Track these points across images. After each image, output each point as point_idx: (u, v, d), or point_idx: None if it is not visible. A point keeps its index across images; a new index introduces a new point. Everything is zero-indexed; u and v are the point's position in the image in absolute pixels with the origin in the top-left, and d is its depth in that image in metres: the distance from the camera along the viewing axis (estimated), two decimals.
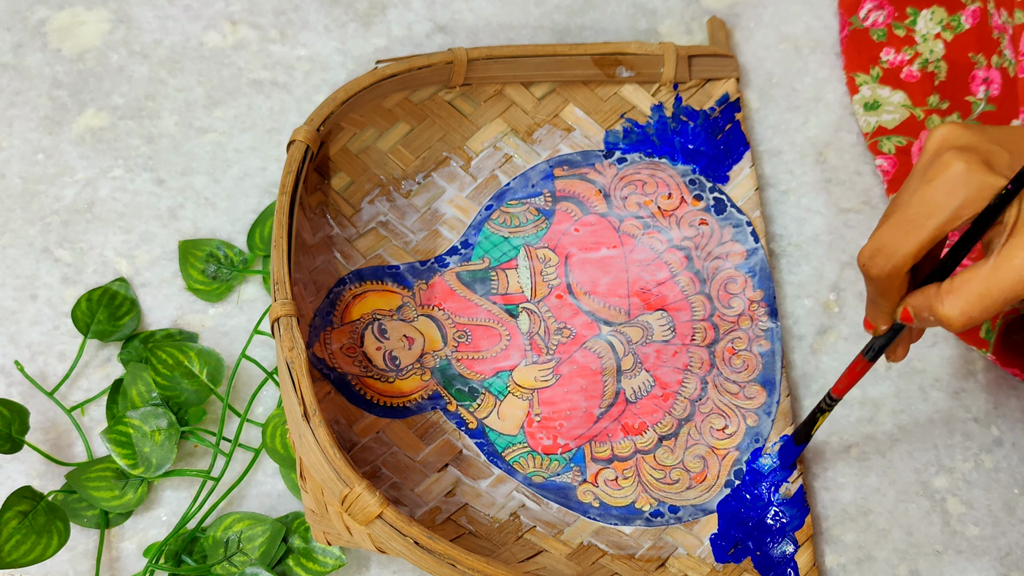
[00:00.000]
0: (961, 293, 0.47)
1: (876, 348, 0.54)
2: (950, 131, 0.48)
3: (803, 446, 0.62)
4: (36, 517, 0.60)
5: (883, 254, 0.49)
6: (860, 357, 0.55)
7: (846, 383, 0.57)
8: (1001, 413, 0.66)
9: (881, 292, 0.51)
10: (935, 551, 0.63)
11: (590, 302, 0.67)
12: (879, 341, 0.54)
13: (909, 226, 0.48)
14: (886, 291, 0.50)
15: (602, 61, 0.70)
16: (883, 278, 0.49)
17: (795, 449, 0.62)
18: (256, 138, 0.72)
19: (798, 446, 0.62)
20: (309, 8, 0.75)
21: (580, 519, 0.62)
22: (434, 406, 0.64)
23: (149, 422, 0.62)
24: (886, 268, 0.49)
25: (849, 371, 0.56)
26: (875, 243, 0.49)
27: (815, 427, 0.60)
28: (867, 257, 0.50)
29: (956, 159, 0.47)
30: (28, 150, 0.71)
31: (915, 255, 0.48)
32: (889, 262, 0.49)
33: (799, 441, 0.61)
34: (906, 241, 0.48)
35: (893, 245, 0.48)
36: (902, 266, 0.48)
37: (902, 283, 0.50)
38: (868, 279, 0.50)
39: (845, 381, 0.57)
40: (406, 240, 0.68)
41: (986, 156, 0.47)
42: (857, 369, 0.56)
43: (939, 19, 0.74)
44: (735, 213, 0.69)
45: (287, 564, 0.61)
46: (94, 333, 0.65)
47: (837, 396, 0.58)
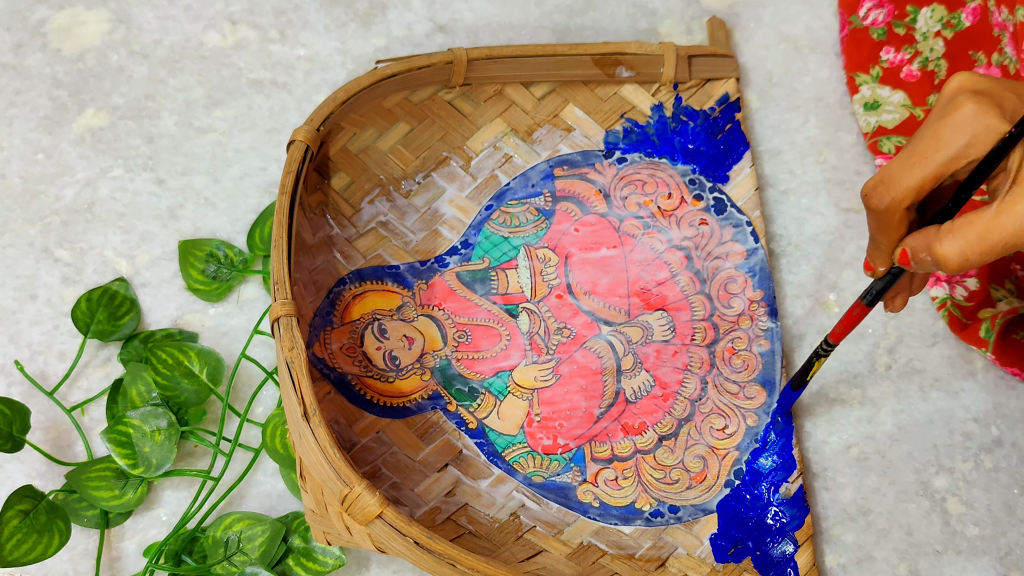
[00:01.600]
0: (961, 234, 0.47)
1: (874, 292, 0.54)
2: (967, 77, 0.49)
3: (800, 392, 0.63)
4: (37, 516, 0.60)
5: (885, 184, 0.49)
6: (858, 302, 0.55)
7: (843, 328, 0.57)
8: (1001, 413, 0.66)
9: (881, 227, 0.51)
10: (935, 551, 0.63)
11: (590, 302, 0.67)
12: (877, 285, 0.54)
13: (915, 159, 0.48)
14: (886, 225, 0.50)
15: (602, 61, 0.70)
16: (883, 210, 0.49)
17: (792, 395, 0.63)
18: (256, 138, 0.72)
19: (795, 391, 0.63)
20: (309, 8, 0.75)
21: (580, 519, 0.62)
22: (434, 406, 0.64)
23: (149, 422, 0.62)
24: (886, 199, 0.49)
25: (847, 316, 0.56)
26: (880, 175, 0.49)
27: (811, 372, 0.61)
28: (870, 187, 0.50)
29: (968, 100, 0.47)
30: (28, 150, 0.71)
31: (918, 189, 0.48)
32: (890, 193, 0.49)
33: (796, 386, 0.62)
34: (910, 173, 0.48)
35: (897, 176, 0.49)
36: (903, 198, 0.49)
37: (902, 219, 0.50)
38: (869, 211, 0.51)
39: (842, 326, 0.57)
40: (406, 240, 0.68)
41: (999, 101, 0.47)
42: (855, 314, 0.56)
43: (939, 17, 0.73)
44: (735, 213, 0.69)
45: (287, 564, 0.61)
46: (94, 333, 0.65)
47: (834, 341, 0.58)
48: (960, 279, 0.68)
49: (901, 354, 0.68)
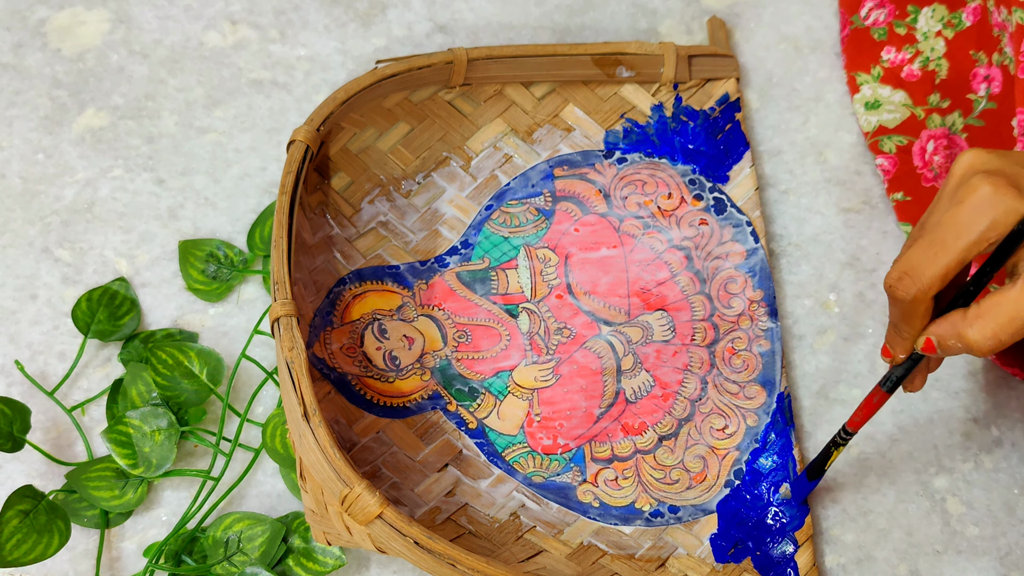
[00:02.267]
0: (990, 316, 0.47)
1: (895, 378, 0.53)
2: (977, 156, 0.48)
3: (816, 481, 0.61)
4: (37, 516, 0.60)
5: (910, 276, 0.48)
6: (877, 388, 0.54)
7: (862, 416, 0.56)
8: (1001, 413, 0.66)
9: (905, 317, 0.50)
10: (935, 551, 0.63)
11: (590, 302, 0.67)
12: (898, 371, 0.53)
13: (937, 248, 0.48)
14: (911, 316, 0.50)
15: (602, 61, 0.70)
16: (909, 301, 0.49)
17: (808, 485, 0.61)
18: (256, 138, 0.72)
19: (811, 481, 0.61)
20: (309, 8, 0.75)
21: (580, 519, 0.62)
22: (434, 406, 0.64)
23: (149, 422, 0.62)
24: (912, 291, 0.48)
25: (866, 403, 0.55)
26: (902, 265, 0.49)
27: (829, 462, 0.59)
28: (894, 279, 0.49)
29: (984, 182, 0.47)
30: (28, 150, 0.71)
31: (943, 277, 0.48)
32: (915, 285, 0.48)
33: (812, 476, 0.60)
34: (934, 263, 0.48)
35: (921, 267, 0.48)
36: (929, 289, 0.48)
37: (927, 309, 0.49)
38: (894, 302, 0.50)
39: (861, 414, 0.56)
40: (406, 240, 0.68)
41: (1014, 179, 0.47)
42: (874, 401, 0.55)
43: (940, 17, 0.73)
44: (735, 213, 0.69)
45: (287, 564, 0.61)
46: (94, 333, 0.65)
47: (852, 430, 0.57)
48: None
49: None
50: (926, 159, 0.71)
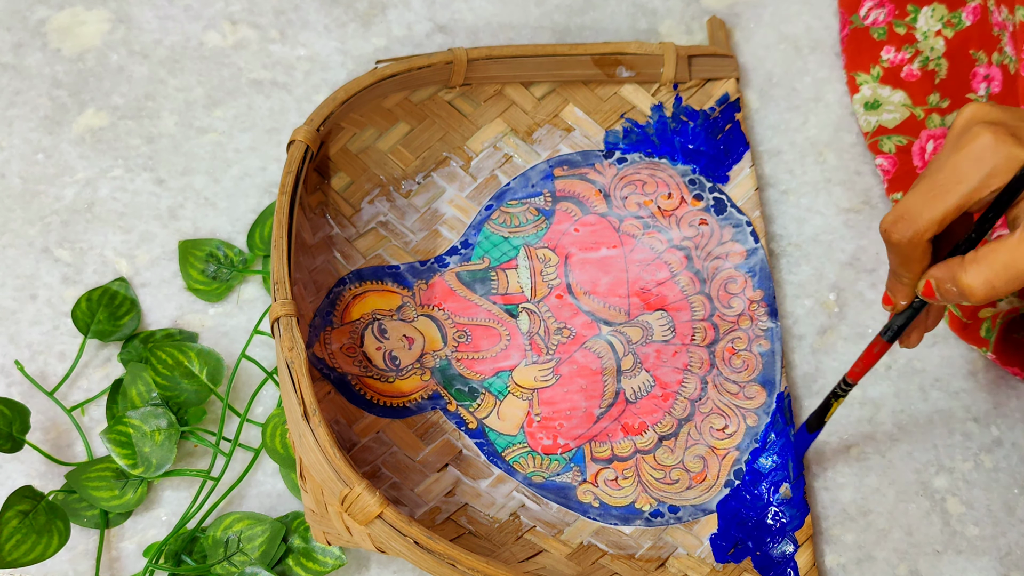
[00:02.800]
0: (986, 262, 0.47)
1: (895, 327, 0.53)
2: (979, 107, 0.49)
3: (816, 433, 0.61)
4: (36, 517, 0.60)
5: (906, 219, 0.49)
6: (878, 338, 0.55)
7: (863, 366, 0.56)
8: (1001, 413, 0.66)
9: (902, 261, 0.50)
10: (935, 551, 0.63)
11: (590, 302, 0.67)
12: (898, 320, 0.53)
13: (936, 192, 0.48)
14: (907, 259, 0.50)
15: (602, 61, 0.70)
16: (905, 244, 0.49)
17: (808, 437, 0.62)
18: (256, 138, 0.72)
19: (811, 433, 0.61)
20: (309, 8, 0.75)
21: (580, 519, 0.62)
22: (434, 406, 0.64)
23: (149, 422, 0.62)
24: (907, 233, 0.49)
25: (866, 353, 0.56)
26: (899, 209, 0.49)
27: (829, 413, 0.59)
28: (890, 222, 0.49)
29: (985, 130, 0.47)
30: (28, 150, 0.71)
31: (939, 221, 0.48)
32: (911, 227, 0.49)
33: (812, 428, 0.61)
34: (931, 207, 0.48)
35: (917, 210, 0.48)
36: (925, 232, 0.48)
37: (924, 252, 0.50)
38: (890, 245, 0.50)
39: (862, 364, 0.56)
40: (406, 240, 0.68)
41: (1014, 130, 0.47)
42: (875, 351, 0.55)
43: (940, 16, 0.73)
44: (735, 213, 0.69)
45: (287, 564, 0.61)
46: (94, 333, 0.65)
47: (853, 380, 0.57)
48: None
49: (901, 354, 0.68)
50: (926, 159, 0.71)
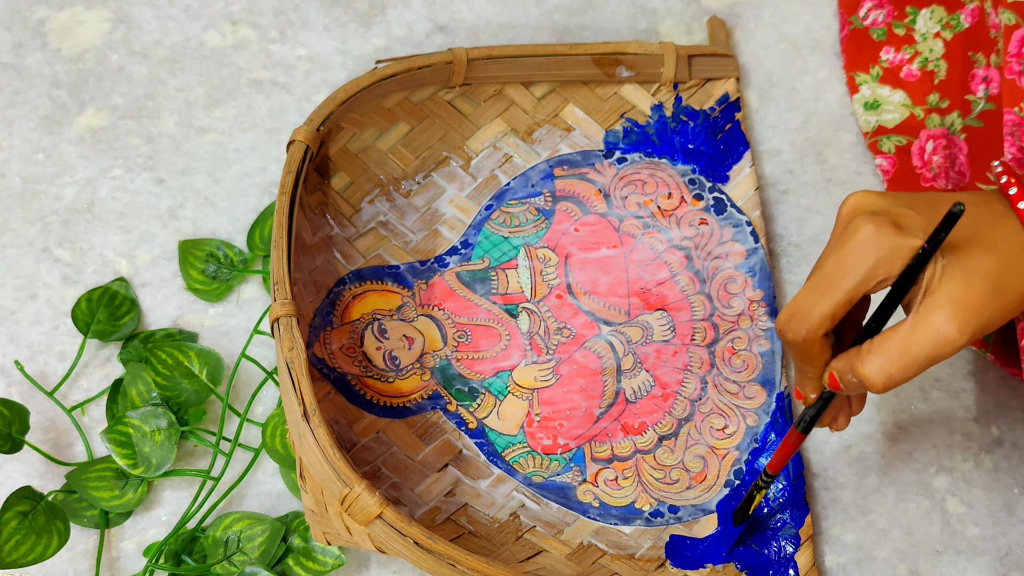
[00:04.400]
0: (880, 351, 0.48)
1: (808, 419, 0.53)
2: (862, 197, 0.50)
3: (743, 525, 0.61)
4: (36, 517, 0.60)
5: (798, 318, 0.49)
6: (792, 430, 0.55)
7: (780, 458, 0.56)
8: (1001, 413, 0.66)
9: (802, 357, 0.51)
10: (935, 551, 0.63)
11: (590, 302, 0.67)
12: (810, 411, 0.53)
13: (824, 288, 0.49)
14: (806, 356, 0.51)
15: (602, 61, 0.70)
16: (799, 342, 0.50)
17: (735, 530, 0.61)
18: (256, 138, 0.72)
19: (737, 527, 0.61)
20: (309, 8, 0.75)
21: (580, 519, 0.62)
22: (434, 406, 0.64)
23: (149, 422, 0.62)
24: (801, 332, 0.49)
25: (783, 446, 0.56)
26: (791, 308, 0.50)
27: (752, 506, 0.59)
28: (783, 322, 0.50)
29: (866, 222, 0.48)
30: (28, 150, 0.71)
31: (830, 317, 0.49)
32: (804, 326, 0.49)
33: (737, 522, 0.61)
34: (820, 303, 0.49)
35: (807, 308, 0.49)
36: (817, 329, 0.49)
37: (821, 348, 0.50)
38: (787, 344, 0.51)
39: (779, 456, 0.56)
40: (406, 240, 0.68)
41: (896, 218, 0.48)
42: (791, 442, 0.55)
43: (939, 18, 0.73)
44: (735, 213, 0.69)
45: (287, 564, 0.61)
46: (94, 333, 0.65)
47: (773, 473, 0.57)
48: None
49: None
50: (925, 159, 0.71)
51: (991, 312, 0.47)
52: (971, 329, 0.47)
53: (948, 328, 0.46)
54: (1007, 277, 0.47)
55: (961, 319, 0.46)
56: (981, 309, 0.47)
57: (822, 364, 0.51)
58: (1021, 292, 0.48)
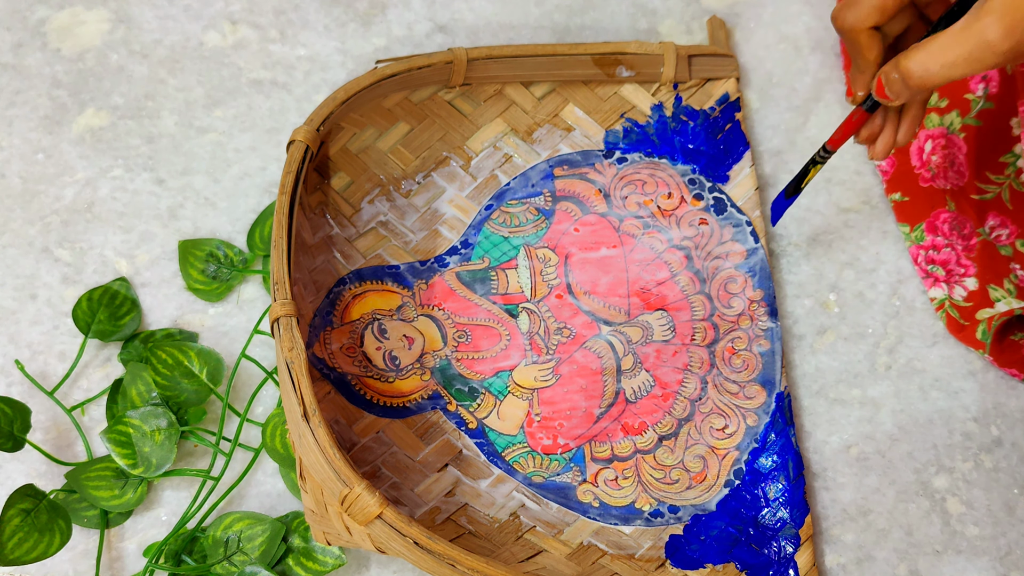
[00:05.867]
0: (925, 47, 0.50)
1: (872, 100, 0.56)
2: None
3: (793, 199, 0.63)
4: (38, 515, 0.60)
5: (850, 5, 0.52)
6: (859, 108, 0.57)
7: (843, 134, 0.58)
8: (1001, 413, 0.66)
9: (853, 48, 0.54)
10: (935, 551, 0.63)
11: (590, 302, 0.67)
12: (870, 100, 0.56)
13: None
14: (857, 47, 0.53)
15: (602, 61, 0.70)
16: (848, 30, 0.53)
17: (785, 203, 0.63)
18: (256, 138, 0.72)
19: (788, 199, 0.63)
20: (309, 8, 0.75)
21: (580, 519, 0.62)
22: (434, 406, 0.64)
23: (149, 422, 0.62)
24: (849, 19, 0.53)
25: (846, 122, 0.58)
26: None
27: (807, 179, 0.61)
28: (838, 9, 0.53)
29: None
30: (28, 150, 0.71)
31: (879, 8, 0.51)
32: (853, 13, 0.52)
33: (789, 193, 0.62)
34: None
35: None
36: (866, 18, 0.52)
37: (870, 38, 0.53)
38: (840, 33, 0.54)
39: (841, 132, 0.58)
40: (406, 240, 0.68)
41: None
42: (854, 119, 0.57)
43: None
44: (735, 213, 0.69)
45: (287, 563, 0.61)
46: (95, 333, 0.65)
47: (832, 148, 0.59)
48: (959, 279, 0.68)
49: (901, 354, 0.68)
50: (924, 159, 0.71)
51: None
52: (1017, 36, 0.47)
53: (993, 31, 0.47)
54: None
55: (1008, 23, 0.47)
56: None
57: (872, 59, 0.54)
58: None
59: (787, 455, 0.63)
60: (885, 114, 0.57)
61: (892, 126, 0.57)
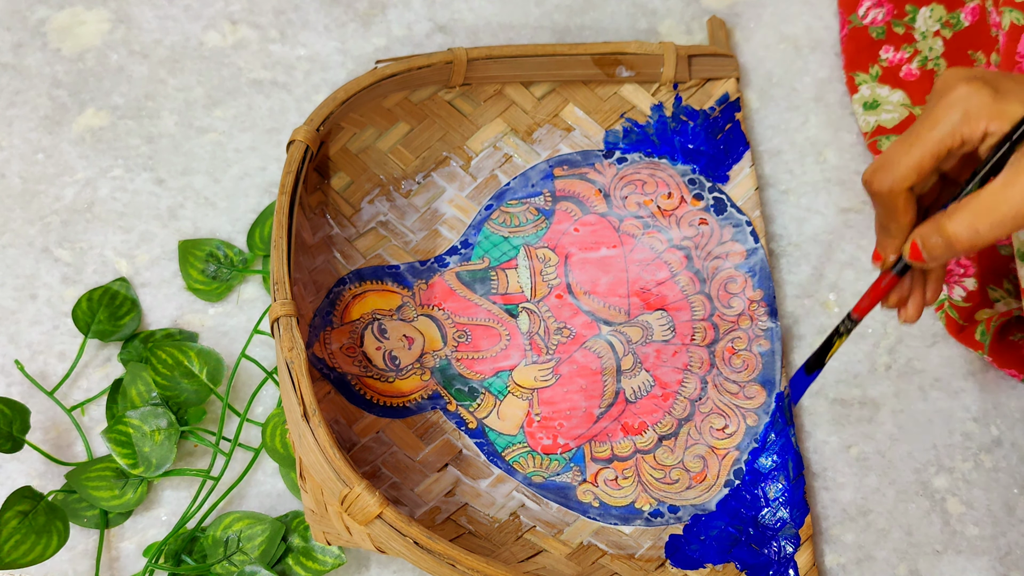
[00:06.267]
0: (969, 207, 0.48)
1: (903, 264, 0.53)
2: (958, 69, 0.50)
3: (815, 375, 0.60)
4: (36, 517, 0.60)
5: (885, 168, 0.50)
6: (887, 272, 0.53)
7: (870, 301, 0.54)
8: (1001, 413, 0.66)
9: (888, 212, 0.51)
10: (935, 551, 0.63)
11: (590, 302, 0.67)
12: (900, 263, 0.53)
13: (912, 140, 0.49)
14: (892, 210, 0.51)
15: (602, 61, 0.70)
16: (886, 193, 0.50)
17: (806, 379, 0.60)
18: (256, 138, 0.72)
19: (809, 375, 0.60)
20: (309, 8, 0.75)
21: (580, 519, 0.62)
22: (434, 406, 0.64)
23: (149, 422, 0.62)
24: (887, 182, 0.50)
25: (873, 288, 0.54)
26: (879, 160, 0.50)
27: (831, 352, 0.57)
28: (871, 172, 0.51)
29: (960, 83, 0.48)
30: (28, 150, 0.71)
31: (917, 169, 0.49)
32: (890, 175, 0.49)
33: (811, 369, 0.59)
34: (908, 154, 0.49)
35: (895, 158, 0.49)
36: (904, 180, 0.49)
37: (907, 201, 0.50)
38: (873, 196, 0.51)
39: (869, 299, 0.54)
40: (406, 240, 0.68)
41: (991, 81, 0.48)
42: (883, 285, 0.54)
43: (938, 17, 0.73)
44: (735, 213, 0.69)
45: (287, 563, 0.61)
46: (95, 333, 0.65)
47: (857, 317, 0.56)
48: (959, 279, 0.68)
49: (901, 354, 0.68)
50: None
51: None
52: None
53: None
54: None
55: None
56: None
57: (906, 222, 0.51)
58: None
59: (787, 455, 0.63)
60: (912, 274, 0.55)
61: (920, 286, 0.55)
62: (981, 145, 0.49)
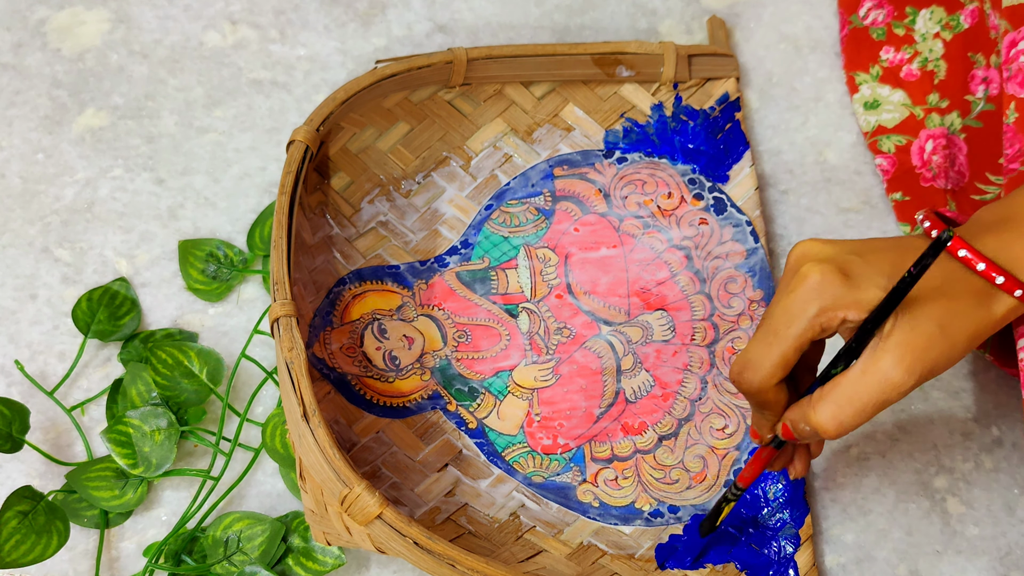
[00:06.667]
0: (831, 398, 0.48)
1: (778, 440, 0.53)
2: (810, 245, 0.50)
3: (708, 538, 0.61)
4: (36, 517, 0.60)
5: (750, 368, 0.50)
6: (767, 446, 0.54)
7: (752, 472, 0.56)
8: (1001, 413, 0.66)
9: (759, 405, 0.51)
10: (935, 551, 0.63)
11: (590, 302, 0.67)
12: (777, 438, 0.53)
13: (772, 337, 0.49)
14: (763, 404, 0.51)
15: (602, 61, 0.70)
16: (754, 392, 0.50)
17: (700, 541, 0.61)
18: (256, 138, 0.72)
19: (703, 538, 0.61)
20: (309, 8, 0.75)
21: (580, 519, 0.62)
22: (434, 406, 0.64)
23: (149, 422, 0.62)
24: (754, 381, 0.50)
25: (755, 459, 0.55)
26: (743, 358, 0.50)
27: (720, 518, 0.59)
28: (736, 373, 0.50)
29: (812, 270, 0.48)
30: (28, 150, 0.71)
31: (781, 365, 0.49)
32: (757, 375, 0.49)
33: (704, 533, 0.60)
34: (770, 352, 0.49)
35: (759, 358, 0.49)
36: (769, 379, 0.49)
37: (776, 394, 0.50)
38: (746, 395, 0.51)
39: (750, 469, 0.56)
40: (406, 240, 0.68)
41: (842, 266, 0.48)
42: (763, 456, 0.55)
43: (938, 19, 0.74)
44: (735, 213, 0.69)
45: (287, 563, 0.61)
46: (95, 333, 0.65)
47: (743, 485, 0.57)
48: None
49: None
50: (925, 159, 0.71)
51: (937, 355, 0.47)
52: (918, 372, 0.47)
53: (896, 372, 0.47)
54: (953, 320, 0.47)
55: (908, 363, 0.47)
56: (928, 352, 0.47)
57: (779, 409, 0.51)
58: (967, 335, 0.48)
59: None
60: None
61: (803, 447, 0.56)
62: (841, 328, 0.48)
